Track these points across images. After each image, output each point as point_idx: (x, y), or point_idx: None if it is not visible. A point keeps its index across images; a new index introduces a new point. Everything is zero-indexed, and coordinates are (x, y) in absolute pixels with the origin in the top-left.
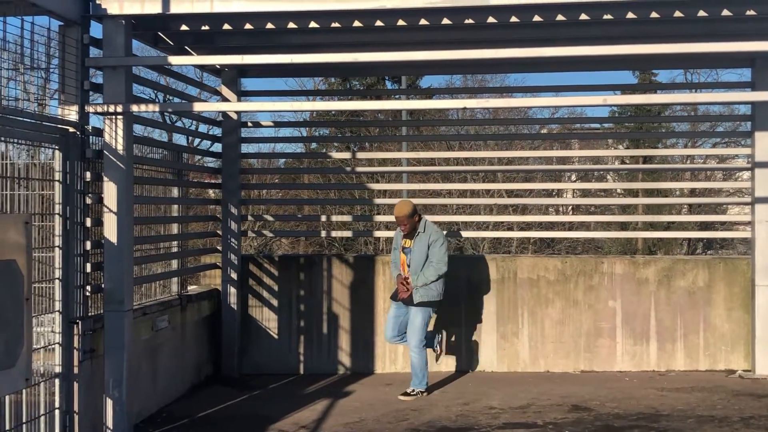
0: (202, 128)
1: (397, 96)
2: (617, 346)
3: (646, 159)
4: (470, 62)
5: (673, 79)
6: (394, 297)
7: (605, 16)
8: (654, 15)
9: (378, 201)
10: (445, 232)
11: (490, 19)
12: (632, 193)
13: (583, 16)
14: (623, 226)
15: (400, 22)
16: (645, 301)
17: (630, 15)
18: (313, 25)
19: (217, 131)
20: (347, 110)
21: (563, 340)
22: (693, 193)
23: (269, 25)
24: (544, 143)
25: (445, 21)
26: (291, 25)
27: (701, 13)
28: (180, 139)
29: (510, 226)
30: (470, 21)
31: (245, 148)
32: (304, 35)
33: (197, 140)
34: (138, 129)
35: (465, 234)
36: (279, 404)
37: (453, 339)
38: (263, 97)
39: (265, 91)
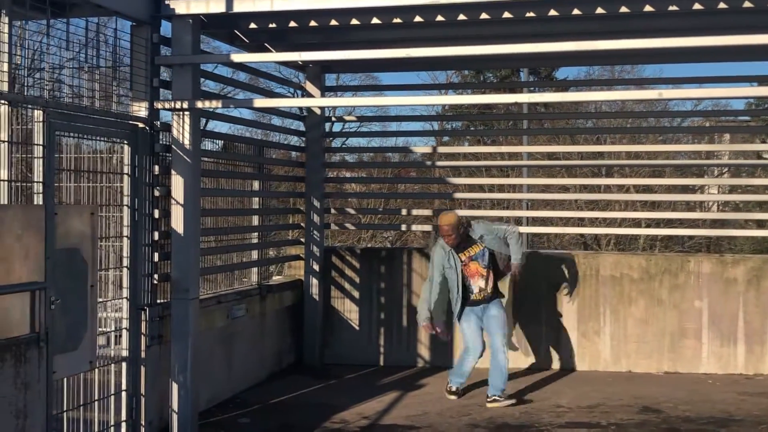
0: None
1: (533, 89)
2: (703, 347)
3: None
4: (595, 54)
5: None
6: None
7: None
8: None
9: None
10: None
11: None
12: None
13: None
14: (760, 224)
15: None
16: (733, 302)
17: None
18: (375, 21)
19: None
20: (479, 104)
21: (646, 340)
22: None
23: (333, 22)
24: (684, 137)
25: (506, 15)
26: (354, 21)
27: None
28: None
29: (638, 223)
30: (531, 14)
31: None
32: (385, 31)
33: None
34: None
35: (591, 230)
36: (350, 394)
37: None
38: (340, 92)
39: (346, 86)
